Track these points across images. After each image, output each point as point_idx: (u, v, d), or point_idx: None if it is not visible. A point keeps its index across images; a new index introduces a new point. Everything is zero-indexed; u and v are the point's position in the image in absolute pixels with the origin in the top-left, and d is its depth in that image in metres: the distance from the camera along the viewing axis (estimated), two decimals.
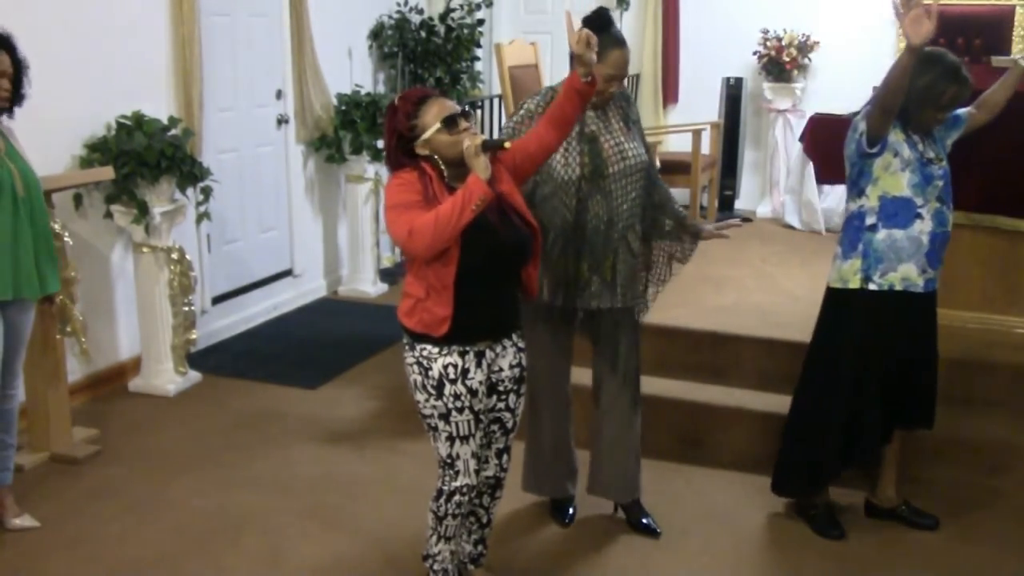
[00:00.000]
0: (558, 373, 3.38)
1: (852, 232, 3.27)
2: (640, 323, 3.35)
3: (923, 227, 3.18)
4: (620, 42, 3.05)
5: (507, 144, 2.59)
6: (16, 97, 3.28)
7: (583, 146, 3.10)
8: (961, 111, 3.33)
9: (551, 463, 3.48)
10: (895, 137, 3.18)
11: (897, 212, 3.18)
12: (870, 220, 3.22)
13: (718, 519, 3.57)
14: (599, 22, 2.98)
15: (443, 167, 2.62)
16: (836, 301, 3.33)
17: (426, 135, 2.60)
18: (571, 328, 3.31)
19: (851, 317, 3.28)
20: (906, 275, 3.20)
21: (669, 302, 3.48)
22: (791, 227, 6.61)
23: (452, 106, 2.63)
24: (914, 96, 3.10)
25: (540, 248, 2.78)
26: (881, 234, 3.20)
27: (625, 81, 3.29)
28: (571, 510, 3.55)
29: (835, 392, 3.31)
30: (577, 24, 2.70)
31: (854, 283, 3.24)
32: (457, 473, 2.72)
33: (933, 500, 3.61)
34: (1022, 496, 3.67)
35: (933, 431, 3.47)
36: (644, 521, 3.46)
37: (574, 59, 2.63)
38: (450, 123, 2.58)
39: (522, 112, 3.16)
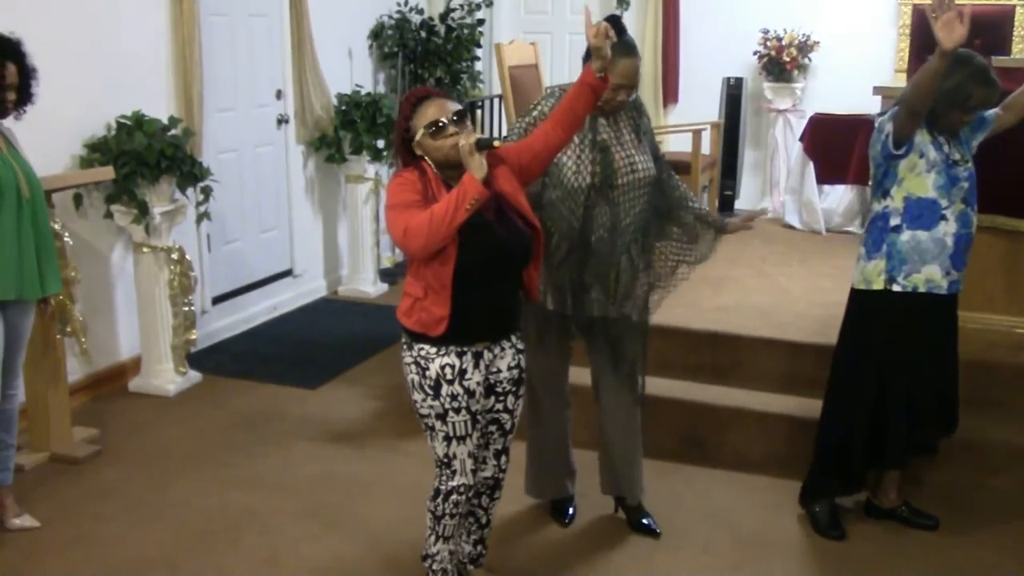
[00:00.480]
0: (557, 376, 3.38)
1: (876, 233, 3.26)
2: (647, 326, 3.33)
3: (947, 229, 3.17)
4: (631, 51, 3.02)
5: (496, 143, 2.58)
6: (22, 100, 3.28)
7: (595, 154, 3.08)
8: (988, 112, 3.31)
9: (552, 465, 3.48)
10: (921, 138, 3.16)
11: (922, 213, 3.17)
12: (894, 221, 3.21)
13: (718, 519, 3.57)
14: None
15: (435, 168, 2.62)
16: (860, 303, 3.32)
17: (416, 137, 2.60)
18: (570, 332, 3.30)
19: (875, 319, 3.27)
20: (930, 277, 3.19)
21: (669, 302, 3.48)
22: (791, 227, 6.60)
23: (449, 107, 2.60)
24: (942, 98, 3.08)
25: (542, 250, 2.78)
26: (905, 235, 3.19)
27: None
28: (571, 510, 3.54)
29: (861, 394, 3.31)
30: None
31: (877, 284, 3.24)
32: (454, 473, 2.72)
33: (933, 500, 3.61)
34: (1022, 496, 3.67)
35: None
36: (644, 521, 3.46)
37: (590, 53, 2.61)
38: (434, 129, 2.57)
39: (535, 113, 3.12)
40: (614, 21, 2.95)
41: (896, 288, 3.21)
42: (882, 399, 3.29)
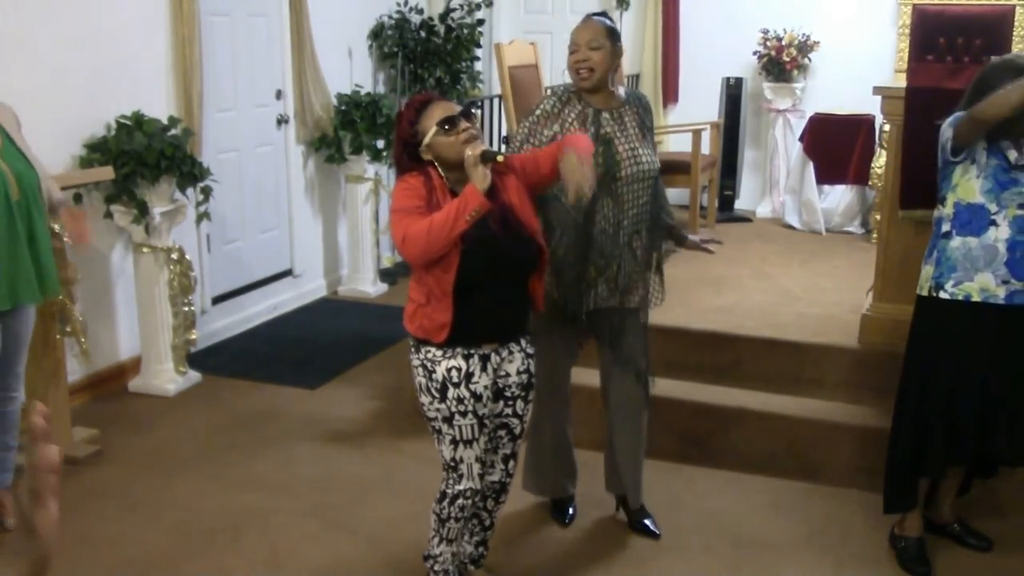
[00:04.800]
0: (560, 374, 3.38)
1: (933, 238, 3.18)
2: (646, 323, 3.34)
3: (998, 234, 3.01)
4: (592, 16, 3.13)
5: (500, 157, 2.58)
6: None
7: (598, 147, 3.08)
8: None
9: (552, 463, 3.48)
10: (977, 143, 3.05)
11: (971, 219, 3.05)
12: (945, 227, 3.11)
13: (718, 520, 3.57)
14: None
15: (443, 171, 2.62)
16: (917, 306, 3.25)
17: (427, 139, 2.61)
18: (574, 328, 3.31)
19: (924, 325, 3.20)
20: (984, 286, 3.03)
21: (669, 302, 3.49)
22: (791, 227, 6.61)
23: (455, 107, 2.64)
24: (1019, 119, 2.93)
25: (546, 262, 2.78)
26: (955, 241, 3.07)
27: (628, 82, 3.29)
28: (571, 510, 3.55)
29: (918, 399, 3.19)
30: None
31: (925, 290, 3.15)
32: (461, 477, 2.72)
33: None
34: (1022, 496, 3.67)
35: None
36: (644, 522, 3.46)
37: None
38: (447, 124, 2.58)
39: (538, 113, 3.14)
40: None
41: (944, 296, 3.08)
42: (950, 409, 3.12)
